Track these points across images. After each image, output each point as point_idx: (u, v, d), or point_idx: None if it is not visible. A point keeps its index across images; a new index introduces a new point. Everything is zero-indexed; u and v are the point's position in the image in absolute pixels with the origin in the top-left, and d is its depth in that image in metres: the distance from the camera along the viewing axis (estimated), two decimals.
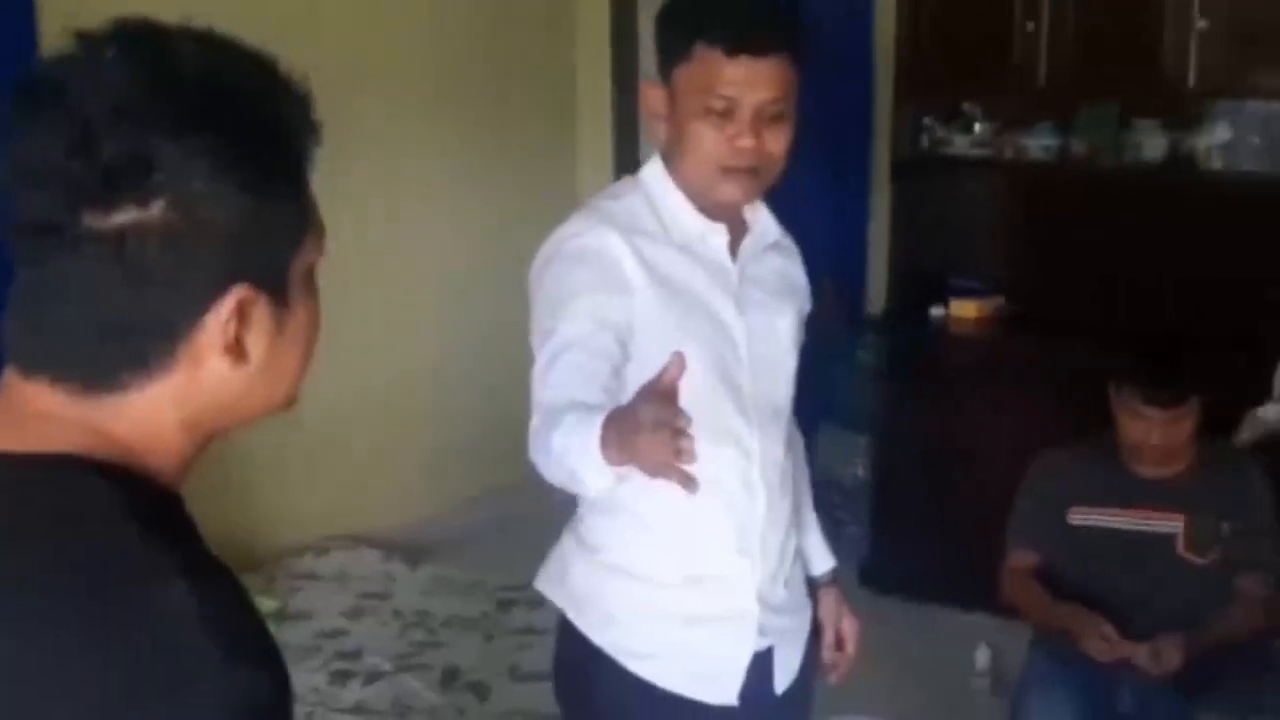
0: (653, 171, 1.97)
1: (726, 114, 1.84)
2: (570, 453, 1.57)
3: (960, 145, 4.54)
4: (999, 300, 4.55)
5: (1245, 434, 3.48)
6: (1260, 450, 3.39)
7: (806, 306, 2.15)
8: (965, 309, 4.52)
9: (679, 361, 1.45)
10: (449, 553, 4.50)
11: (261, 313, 0.96)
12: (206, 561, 0.93)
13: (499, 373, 4.99)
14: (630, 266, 1.84)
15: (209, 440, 1.00)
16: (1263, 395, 3.48)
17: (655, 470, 1.44)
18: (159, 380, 0.94)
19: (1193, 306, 4.07)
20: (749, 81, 1.82)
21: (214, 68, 0.93)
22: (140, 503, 0.92)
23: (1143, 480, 3.11)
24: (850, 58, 4.72)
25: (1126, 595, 3.06)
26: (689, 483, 1.43)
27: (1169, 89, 4.08)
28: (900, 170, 4.55)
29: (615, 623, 2.00)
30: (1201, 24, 3.93)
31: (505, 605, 4.01)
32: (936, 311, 4.53)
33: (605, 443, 1.49)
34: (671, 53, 1.88)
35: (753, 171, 1.89)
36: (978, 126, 4.53)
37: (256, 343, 0.96)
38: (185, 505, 0.98)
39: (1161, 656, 2.97)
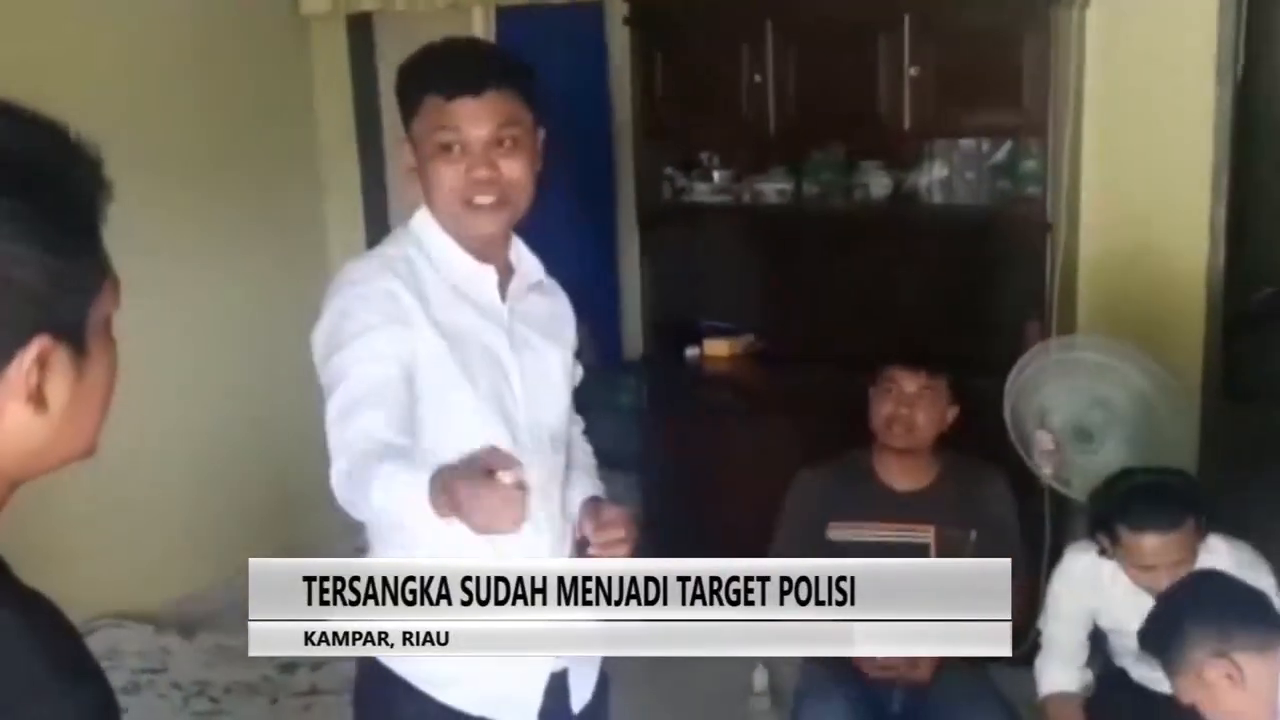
0: (422, 220, 2.08)
1: (460, 151, 1.99)
2: (394, 502, 1.73)
3: (701, 193, 4.76)
4: (749, 338, 4.78)
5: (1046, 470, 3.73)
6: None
7: (574, 343, 2.29)
8: (718, 348, 4.74)
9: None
10: (223, 622, 4.42)
11: (62, 362, 0.99)
12: (24, 590, 0.97)
13: (263, 440, 4.96)
14: (412, 309, 1.96)
15: (14, 487, 1.03)
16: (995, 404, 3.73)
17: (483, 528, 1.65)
18: None
19: (924, 328, 4.36)
20: (471, 117, 1.98)
21: (12, 136, 0.97)
22: None
23: (895, 494, 3.33)
24: (587, 112, 4.91)
25: None
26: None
27: (888, 132, 4.37)
28: (647, 219, 4.74)
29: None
30: (913, 71, 4.23)
31: (287, 668, 4.01)
32: (692, 352, 4.74)
33: (434, 499, 1.67)
34: (408, 110, 2.04)
35: (498, 203, 2.03)
36: (716, 174, 4.76)
37: (57, 391, 0.99)
38: None
39: (918, 662, 3.19)
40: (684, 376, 4.73)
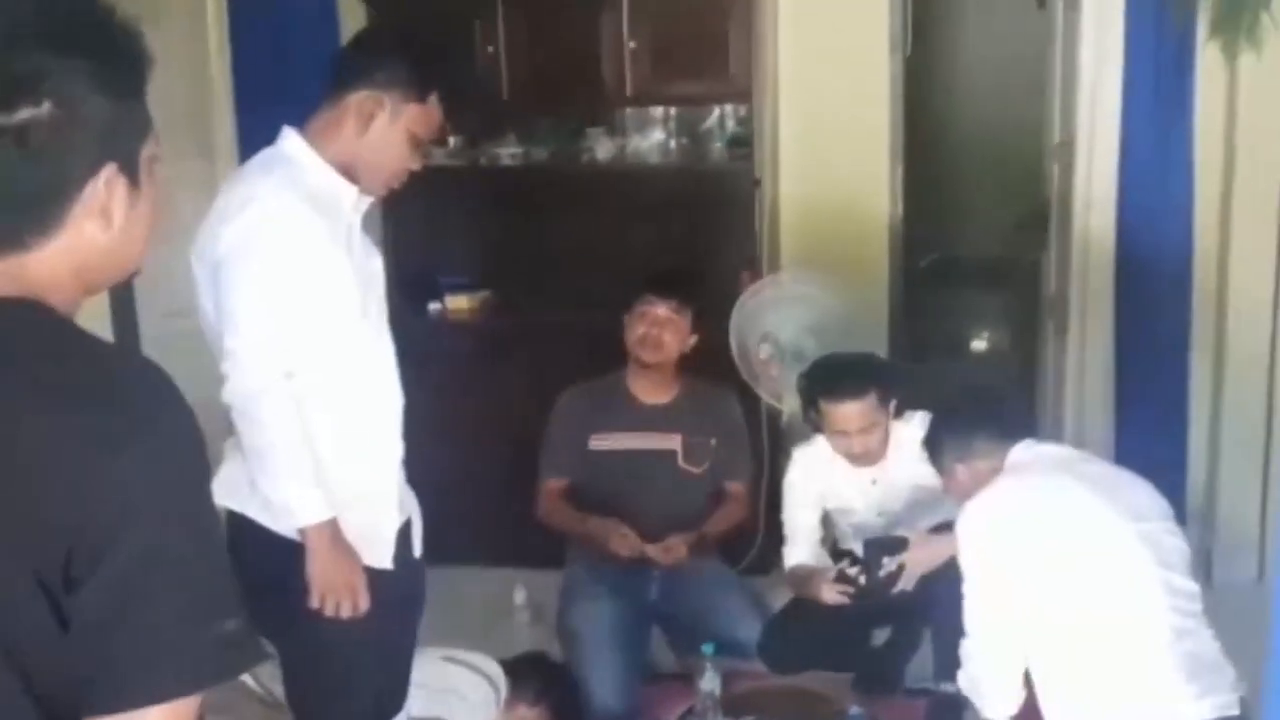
0: (299, 148, 2.40)
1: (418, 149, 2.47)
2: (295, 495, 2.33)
3: (439, 156, 5.05)
4: (486, 293, 5.12)
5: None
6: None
7: None
8: (459, 303, 5.06)
9: None
10: None
11: (121, 190, 1.27)
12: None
13: None
14: (314, 243, 2.35)
15: (91, 292, 1.32)
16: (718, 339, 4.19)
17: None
18: (52, 240, 1.24)
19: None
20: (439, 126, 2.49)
21: (84, 6, 1.26)
22: (66, 318, 1.25)
23: (646, 407, 3.77)
24: (321, 86, 5.08)
25: (641, 504, 3.70)
26: None
27: (612, 100, 4.81)
28: None
29: None
30: (632, 44, 4.67)
31: None
32: (435, 307, 5.04)
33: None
34: (408, 89, 2.44)
35: None
36: (451, 140, 5.07)
37: (118, 211, 1.27)
38: None
39: (671, 551, 3.63)
40: (428, 330, 5.02)
